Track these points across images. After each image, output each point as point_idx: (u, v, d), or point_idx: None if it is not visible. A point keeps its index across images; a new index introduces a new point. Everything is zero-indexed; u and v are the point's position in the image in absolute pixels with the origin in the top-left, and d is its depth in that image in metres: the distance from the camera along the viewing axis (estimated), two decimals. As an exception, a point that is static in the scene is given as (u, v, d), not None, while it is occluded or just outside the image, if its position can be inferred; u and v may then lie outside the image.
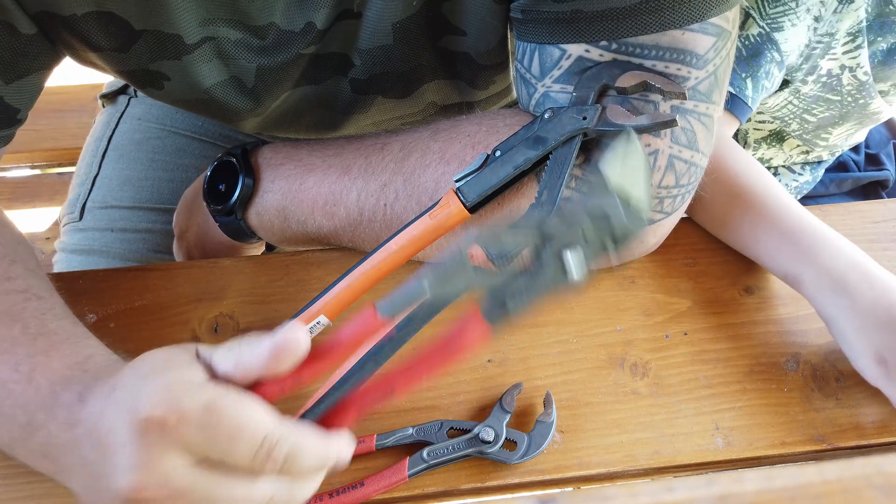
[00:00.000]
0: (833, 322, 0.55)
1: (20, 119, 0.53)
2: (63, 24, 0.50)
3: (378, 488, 0.49)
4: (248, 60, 0.55)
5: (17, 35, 0.49)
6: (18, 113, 0.53)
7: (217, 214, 0.61)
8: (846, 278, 0.55)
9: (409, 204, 0.55)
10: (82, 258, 0.79)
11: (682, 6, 0.47)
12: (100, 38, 0.52)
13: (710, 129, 0.53)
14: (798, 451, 0.53)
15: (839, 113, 0.82)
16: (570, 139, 0.50)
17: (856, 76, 0.76)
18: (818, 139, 0.86)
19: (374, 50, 0.57)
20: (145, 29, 0.51)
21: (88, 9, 0.49)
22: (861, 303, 0.54)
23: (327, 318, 0.53)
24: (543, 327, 0.58)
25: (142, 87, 0.58)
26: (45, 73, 0.53)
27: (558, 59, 0.51)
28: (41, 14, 0.49)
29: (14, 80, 0.51)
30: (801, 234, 0.58)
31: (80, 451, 0.40)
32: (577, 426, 0.53)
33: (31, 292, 0.48)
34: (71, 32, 0.51)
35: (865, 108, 0.82)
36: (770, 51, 0.69)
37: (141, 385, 0.38)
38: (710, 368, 0.57)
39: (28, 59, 0.51)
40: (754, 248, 0.61)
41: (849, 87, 0.78)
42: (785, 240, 0.58)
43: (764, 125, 0.85)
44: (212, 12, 0.51)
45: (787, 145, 0.88)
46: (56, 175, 1.22)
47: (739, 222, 0.61)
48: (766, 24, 0.69)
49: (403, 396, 0.54)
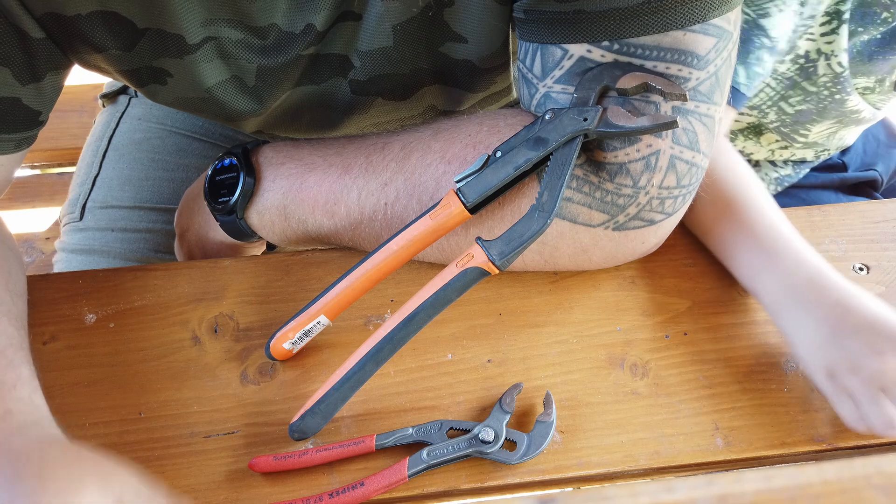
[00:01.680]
0: (788, 336, 0.56)
1: (41, 121, 0.54)
2: (68, 26, 0.50)
3: (378, 488, 0.49)
4: (249, 60, 0.55)
5: (28, 38, 0.49)
6: (40, 115, 0.53)
7: (218, 214, 0.61)
8: (800, 293, 0.55)
9: (410, 203, 0.55)
10: (82, 258, 0.79)
11: (684, 7, 0.47)
12: (104, 39, 0.52)
13: (712, 129, 0.53)
14: (798, 451, 0.53)
15: (816, 108, 0.81)
16: (571, 140, 0.50)
17: (831, 66, 0.75)
18: (797, 135, 0.85)
19: (373, 52, 0.57)
20: (148, 28, 0.51)
21: (92, 8, 0.50)
22: (812, 319, 0.53)
23: (327, 318, 0.54)
24: (543, 327, 0.58)
25: (144, 86, 0.58)
26: (61, 73, 0.54)
27: (560, 60, 0.51)
28: (46, 16, 0.49)
29: (30, 82, 0.51)
30: (765, 244, 0.57)
31: None
32: (577, 426, 0.53)
33: None
34: (76, 34, 0.51)
35: (843, 105, 0.81)
36: (758, 37, 0.69)
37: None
38: (710, 368, 0.57)
39: (42, 61, 0.51)
40: (723, 255, 0.61)
41: (824, 78, 0.77)
42: (748, 249, 0.58)
43: (742, 116, 0.84)
44: (213, 12, 0.51)
45: (765, 139, 0.87)
46: (56, 175, 1.22)
47: (719, 230, 0.61)
48: (753, 11, 0.69)
49: (404, 396, 0.55)
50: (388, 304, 0.59)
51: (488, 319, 0.59)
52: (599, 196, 0.52)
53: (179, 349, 0.57)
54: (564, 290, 0.60)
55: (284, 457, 0.51)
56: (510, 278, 0.61)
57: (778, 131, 0.85)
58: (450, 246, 0.56)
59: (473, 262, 0.49)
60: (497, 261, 0.49)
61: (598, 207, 0.53)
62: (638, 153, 0.51)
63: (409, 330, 0.50)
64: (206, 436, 0.53)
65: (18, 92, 0.50)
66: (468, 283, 0.49)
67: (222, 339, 0.57)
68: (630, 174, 0.51)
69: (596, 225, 0.54)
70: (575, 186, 0.52)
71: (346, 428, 0.53)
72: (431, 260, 0.59)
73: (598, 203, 0.53)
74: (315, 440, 0.52)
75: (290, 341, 0.54)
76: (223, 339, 0.57)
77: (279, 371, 0.56)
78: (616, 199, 0.53)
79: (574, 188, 0.52)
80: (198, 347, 0.57)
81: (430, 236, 0.51)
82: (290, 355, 0.56)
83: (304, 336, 0.54)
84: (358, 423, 0.54)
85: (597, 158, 0.52)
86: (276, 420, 0.53)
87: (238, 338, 0.58)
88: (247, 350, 0.57)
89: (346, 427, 0.53)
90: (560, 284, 0.61)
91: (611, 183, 0.52)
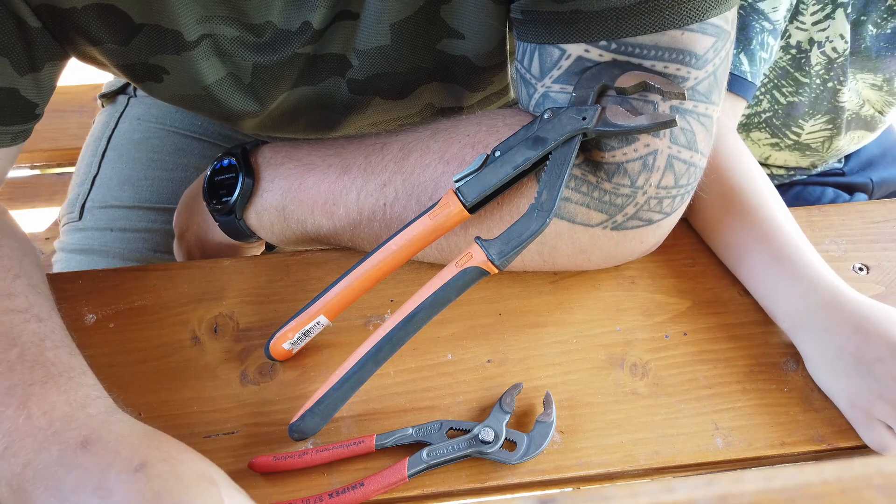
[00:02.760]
0: (806, 360, 0.56)
1: (38, 115, 0.53)
2: (63, 17, 0.50)
3: (377, 488, 0.49)
4: (245, 58, 0.55)
5: (26, 27, 0.49)
6: (37, 108, 0.53)
7: (217, 214, 0.61)
8: (819, 317, 0.54)
9: (409, 203, 0.55)
10: (82, 258, 0.79)
11: (682, 6, 0.47)
12: (100, 32, 0.52)
13: (710, 129, 0.53)
14: (798, 451, 0.53)
15: (808, 99, 0.80)
16: (570, 139, 0.50)
17: (825, 52, 0.74)
18: (789, 130, 0.83)
19: (371, 51, 0.57)
20: (145, 23, 0.51)
21: (88, 1, 0.49)
22: (833, 346, 0.53)
23: (327, 318, 0.53)
24: (543, 327, 0.58)
25: (141, 82, 0.58)
26: (58, 65, 0.53)
27: (558, 60, 0.51)
28: (42, 7, 0.49)
29: (28, 73, 0.51)
30: (781, 261, 0.57)
31: (65, 489, 0.39)
32: (577, 426, 0.53)
33: (31, 312, 0.47)
34: (71, 26, 0.51)
35: (836, 97, 0.79)
36: (758, 21, 0.68)
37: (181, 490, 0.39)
38: (709, 368, 0.57)
39: (40, 51, 0.51)
40: (738, 267, 0.60)
41: (817, 66, 0.76)
42: (766, 266, 0.57)
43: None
44: (209, 9, 0.51)
45: (755, 136, 0.86)
46: (55, 175, 1.22)
47: (729, 237, 0.60)
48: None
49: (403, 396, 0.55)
50: (387, 304, 0.59)
51: (488, 319, 0.59)
52: (598, 196, 0.52)
53: (179, 349, 0.57)
54: (564, 290, 0.60)
55: (284, 457, 0.51)
56: (510, 278, 0.61)
57: (770, 124, 0.84)
58: (449, 246, 0.56)
59: (472, 261, 0.49)
60: (496, 260, 0.49)
61: (597, 207, 0.53)
62: (636, 153, 0.51)
63: (408, 330, 0.50)
64: (205, 436, 0.53)
65: (17, 83, 0.50)
66: (467, 282, 0.49)
67: (222, 340, 0.57)
68: (628, 174, 0.51)
69: (594, 225, 0.54)
70: (573, 186, 0.52)
71: (346, 428, 0.53)
72: (431, 260, 0.59)
73: (596, 203, 0.53)
74: (315, 440, 0.52)
75: (289, 341, 0.54)
76: (223, 340, 0.57)
77: (279, 371, 0.56)
78: (614, 199, 0.52)
79: (572, 188, 0.52)
80: (197, 348, 0.57)
81: (429, 236, 0.51)
82: (290, 355, 0.56)
83: (303, 336, 0.54)
84: (358, 423, 0.54)
85: (595, 158, 0.52)
86: (275, 420, 0.53)
87: (238, 338, 0.58)
88: (246, 350, 0.57)
89: (346, 427, 0.53)
90: (560, 284, 0.61)
91: (609, 183, 0.52)
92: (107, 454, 0.40)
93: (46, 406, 0.42)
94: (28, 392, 0.42)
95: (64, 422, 0.41)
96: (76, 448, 0.40)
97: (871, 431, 0.52)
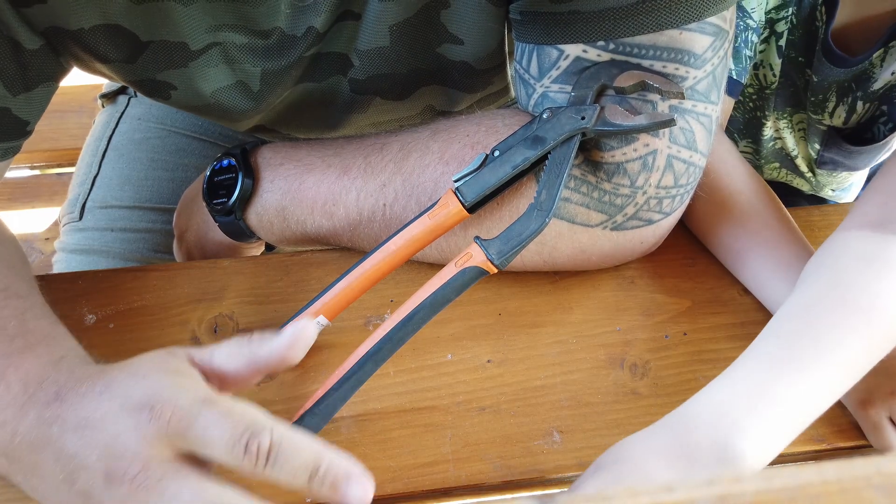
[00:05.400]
0: None
1: (29, 131, 0.54)
2: (71, 38, 0.50)
3: None
4: (253, 64, 0.56)
5: (21, 50, 0.49)
6: (27, 125, 0.53)
7: (216, 214, 0.61)
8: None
9: (409, 204, 0.55)
10: (82, 258, 0.79)
11: (680, 6, 0.47)
12: (107, 50, 0.52)
13: (709, 128, 0.53)
14: (798, 451, 0.53)
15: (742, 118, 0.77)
16: (569, 139, 0.50)
17: (757, 76, 0.72)
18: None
19: (371, 51, 0.57)
20: (152, 40, 0.51)
21: (95, 22, 0.50)
22: None
23: (327, 319, 0.53)
24: (543, 327, 0.58)
25: (149, 96, 0.58)
26: (52, 85, 0.53)
27: (556, 60, 0.51)
28: (49, 29, 0.49)
29: (21, 93, 0.51)
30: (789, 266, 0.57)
31: (53, 446, 0.39)
32: (577, 426, 0.53)
33: (10, 290, 0.48)
34: (79, 45, 0.51)
35: (759, 130, 0.77)
36: (742, 19, 0.68)
37: (137, 382, 0.40)
38: (710, 368, 0.56)
39: (33, 72, 0.51)
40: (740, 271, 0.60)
41: (749, 89, 0.74)
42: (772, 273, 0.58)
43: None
44: (218, 19, 0.51)
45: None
46: (55, 175, 1.22)
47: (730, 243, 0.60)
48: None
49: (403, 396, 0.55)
50: (387, 304, 0.59)
51: (488, 319, 0.59)
52: (597, 196, 0.52)
53: (179, 350, 0.57)
54: (564, 290, 0.60)
55: (284, 457, 0.51)
56: (510, 278, 0.61)
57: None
58: (448, 246, 0.56)
59: (472, 261, 0.49)
60: (496, 260, 0.49)
61: (596, 207, 0.53)
62: (635, 153, 0.51)
63: (408, 330, 0.50)
64: (205, 436, 0.53)
65: (8, 102, 0.50)
66: (467, 282, 0.49)
67: (222, 340, 0.57)
68: (627, 174, 0.51)
69: (594, 225, 0.54)
70: (573, 186, 0.52)
71: (346, 428, 0.53)
72: (430, 260, 0.59)
73: (596, 203, 0.53)
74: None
75: (289, 342, 0.54)
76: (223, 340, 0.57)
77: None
78: (614, 199, 0.53)
79: (572, 188, 0.52)
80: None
81: (429, 236, 0.51)
82: (290, 356, 0.56)
83: (303, 336, 0.54)
84: (358, 423, 0.54)
85: (594, 158, 0.52)
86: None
87: (237, 338, 0.57)
88: (246, 350, 0.57)
89: (346, 427, 0.53)
90: (560, 284, 0.61)
91: (608, 183, 0.52)
92: (86, 400, 0.40)
93: (21, 374, 0.42)
94: (6, 363, 0.43)
95: (37, 385, 0.42)
96: (50, 404, 0.41)
97: (881, 434, 0.52)
